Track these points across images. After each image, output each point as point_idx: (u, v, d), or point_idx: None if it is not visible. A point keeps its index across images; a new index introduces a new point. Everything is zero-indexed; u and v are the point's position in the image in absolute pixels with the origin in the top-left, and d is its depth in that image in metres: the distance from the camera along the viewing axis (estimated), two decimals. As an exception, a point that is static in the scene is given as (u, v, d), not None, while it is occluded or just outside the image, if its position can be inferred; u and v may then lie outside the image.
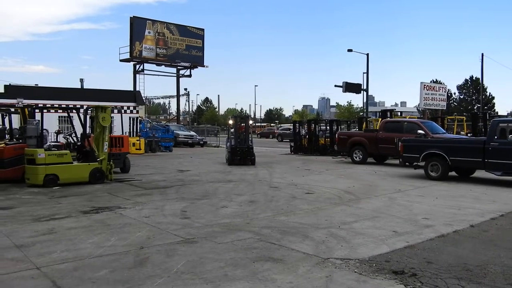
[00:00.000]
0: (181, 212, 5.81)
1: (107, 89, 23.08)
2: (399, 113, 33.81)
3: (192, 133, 28.09)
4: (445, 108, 27.13)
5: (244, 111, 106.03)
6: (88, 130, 9.11)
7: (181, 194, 7.31)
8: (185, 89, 51.84)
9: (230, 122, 13.92)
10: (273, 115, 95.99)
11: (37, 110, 8.44)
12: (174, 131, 23.73)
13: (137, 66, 29.35)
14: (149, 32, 29.32)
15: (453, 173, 9.83)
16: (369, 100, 37.15)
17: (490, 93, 46.43)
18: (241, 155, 12.52)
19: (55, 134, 10.55)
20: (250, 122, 13.38)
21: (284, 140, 32.18)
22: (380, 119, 17.74)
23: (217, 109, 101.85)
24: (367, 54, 27.38)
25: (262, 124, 68.91)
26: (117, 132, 14.59)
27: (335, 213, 5.83)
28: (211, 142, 28.96)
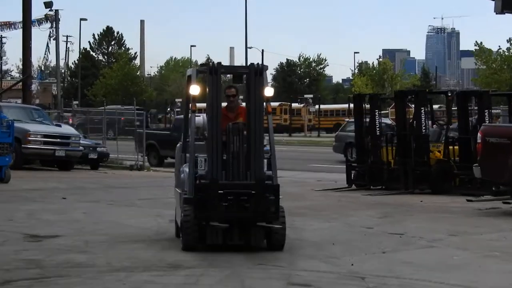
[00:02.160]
0: None
1: None
2: None
3: (67, 129, 28.24)
4: None
5: (212, 63, 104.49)
6: None
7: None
8: (49, 6, 46.80)
9: (192, 91, 10.79)
10: (296, 78, 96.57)
11: None
12: (16, 125, 23.28)
13: None
14: None
15: None
16: None
17: None
18: (232, 213, 10.15)
19: None
20: (269, 91, 10.65)
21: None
22: None
23: (137, 60, 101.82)
24: None
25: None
26: None
27: None
28: (124, 154, 29.47)
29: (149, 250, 10.19)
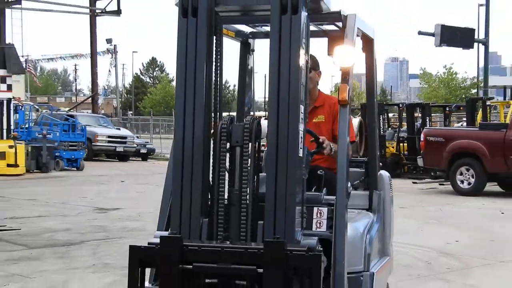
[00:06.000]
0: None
1: None
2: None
3: (125, 131, 34.01)
4: None
5: (229, 93, 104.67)
6: None
7: (103, 257, 8.82)
8: (109, 42, 58.58)
9: None
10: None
11: None
12: (88, 129, 27.72)
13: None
14: None
15: None
16: (491, 62, 45.24)
17: None
18: None
19: None
20: (348, 55, 4.34)
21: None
22: (513, 102, 20.14)
23: (175, 81, 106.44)
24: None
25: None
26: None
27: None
28: (164, 150, 33.87)
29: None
